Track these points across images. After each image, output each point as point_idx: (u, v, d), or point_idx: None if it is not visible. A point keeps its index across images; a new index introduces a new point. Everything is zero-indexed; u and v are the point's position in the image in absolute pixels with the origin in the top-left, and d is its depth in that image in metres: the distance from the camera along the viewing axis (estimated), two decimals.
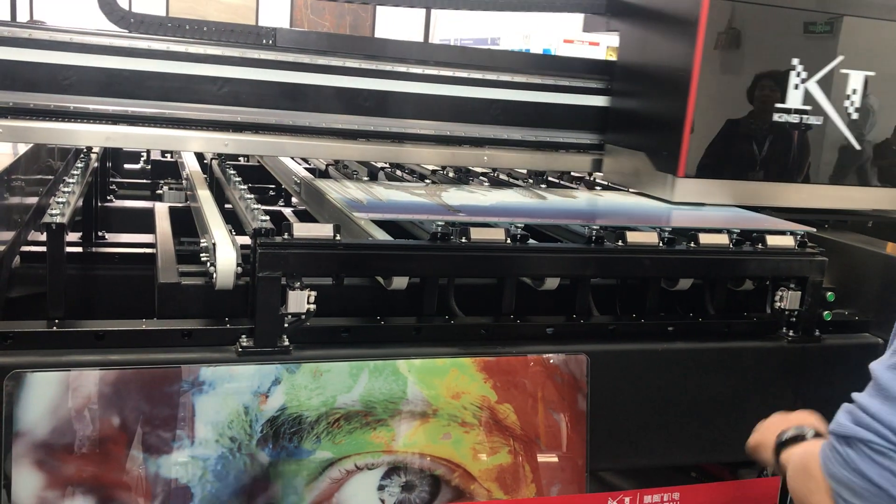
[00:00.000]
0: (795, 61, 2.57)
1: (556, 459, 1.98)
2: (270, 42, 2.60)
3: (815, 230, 2.33)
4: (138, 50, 2.42)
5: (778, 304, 2.21)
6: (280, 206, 3.54)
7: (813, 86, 2.61)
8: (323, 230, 1.85)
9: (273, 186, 3.68)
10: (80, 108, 2.38)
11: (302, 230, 1.83)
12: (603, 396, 2.03)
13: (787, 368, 2.23)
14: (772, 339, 2.24)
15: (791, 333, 2.24)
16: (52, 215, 1.85)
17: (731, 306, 2.33)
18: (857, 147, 2.71)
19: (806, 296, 2.20)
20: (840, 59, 2.62)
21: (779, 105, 2.59)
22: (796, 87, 2.59)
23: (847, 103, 2.66)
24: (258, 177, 3.58)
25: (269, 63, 2.58)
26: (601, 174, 3.08)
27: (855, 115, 2.68)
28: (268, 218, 1.92)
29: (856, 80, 2.65)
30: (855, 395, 1.24)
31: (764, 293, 2.27)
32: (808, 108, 2.62)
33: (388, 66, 2.72)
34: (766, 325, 2.26)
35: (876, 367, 1.24)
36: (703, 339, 2.19)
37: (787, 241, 2.22)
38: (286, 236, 1.81)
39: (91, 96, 2.39)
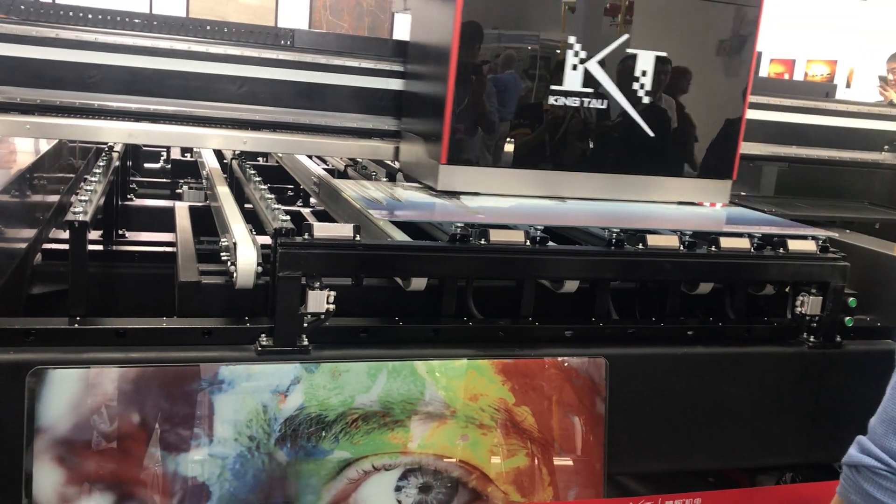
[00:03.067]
0: (573, 40, 2.27)
1: (573, 463, 1.97)
2: (289, 43, 2.62)
3: (836, 235, 2.31)
4: (161, 50, 2.44)
5: (799, 309, 2.19)
6: (299, 206, 3.54)
7: (594, 66, 2.32)
8: (343, 230, 1.86)
9: (291, 186, 3.69)
10: (104, 105, 2.40)
11: (322, 230, 1.83)
12: (621, 400, 2.02)
13: (807, 374, 2.21)
14: (792, 345, 2.22)
15: (812, 339, 2.22)
16: (75, 213, 1.87)
17: (752, 311, 2.31)
18: (650, 134, 2.42)
19: (827, 301, 2.19)
20: (625, 38, 2.32)
21: (555, 87, 2.31)
22: (574, 67, 2.30)
23: (636, 86, 2.38)
24: (277, 177, 3.59)
25: (288, 63, 2.59)
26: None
27: (646, 99, 2.38)
28: (288, 218, 1.93)
29: (645, 61, 2.35)
30: (872, 420, 1.30)
31: (785, 298, 2.25)
32: (588, 90, 2.33)
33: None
34: (786, 331, 2.24)
35: (890, 385, 1.29)
36: (723, 343, 2.17)
37: (809, 246, 2.20)
38: (306, 236, 1.82)
39: (114, 94, 2.41)
